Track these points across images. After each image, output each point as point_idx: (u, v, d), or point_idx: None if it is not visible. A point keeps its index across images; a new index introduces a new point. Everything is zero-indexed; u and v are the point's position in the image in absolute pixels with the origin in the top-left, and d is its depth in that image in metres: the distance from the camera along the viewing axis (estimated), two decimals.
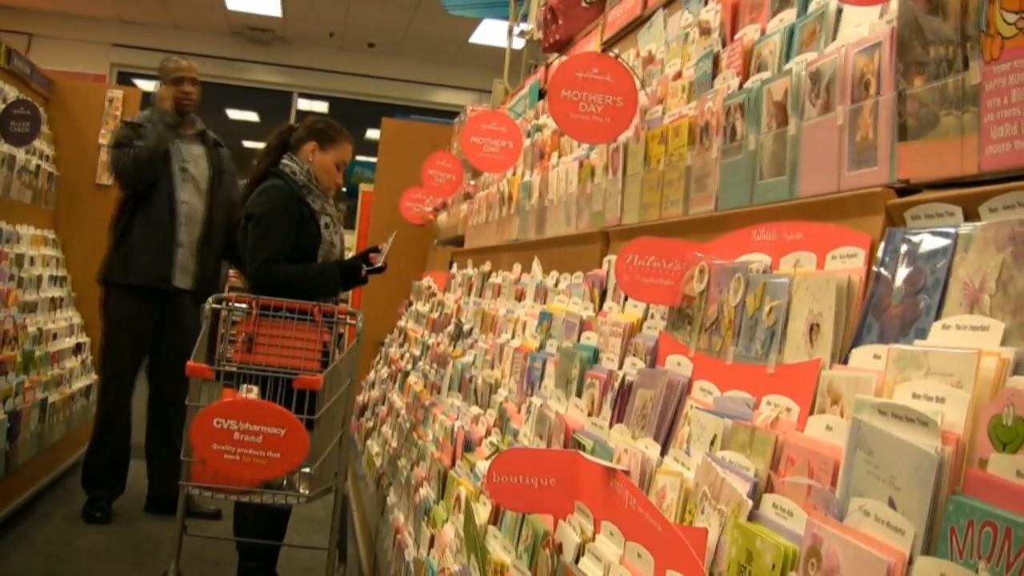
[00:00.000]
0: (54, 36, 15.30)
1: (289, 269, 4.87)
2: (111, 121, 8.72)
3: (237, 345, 4.63)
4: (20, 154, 7.25)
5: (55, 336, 7.27)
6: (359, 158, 18.53)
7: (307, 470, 4.26)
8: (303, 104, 17.33)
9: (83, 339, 7.91)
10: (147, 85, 14.26)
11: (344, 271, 5.09)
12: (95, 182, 8.70)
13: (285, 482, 4.33)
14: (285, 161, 5.10)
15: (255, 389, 4.38)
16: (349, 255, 5.88)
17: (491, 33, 14.00)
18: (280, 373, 4.41)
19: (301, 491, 4.30)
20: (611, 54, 3.40)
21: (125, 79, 15.44)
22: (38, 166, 7.77)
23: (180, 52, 8.35)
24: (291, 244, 4.91)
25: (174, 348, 6.39)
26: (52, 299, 7.46)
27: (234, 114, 21.32)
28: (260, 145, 5.56)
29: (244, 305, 4.65)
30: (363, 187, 12.35)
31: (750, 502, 1.63)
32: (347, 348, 4.58)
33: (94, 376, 7.86)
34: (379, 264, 5.24)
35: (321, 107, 17.72)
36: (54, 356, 7.16)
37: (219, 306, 4.66)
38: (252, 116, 21.13)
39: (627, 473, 2.09)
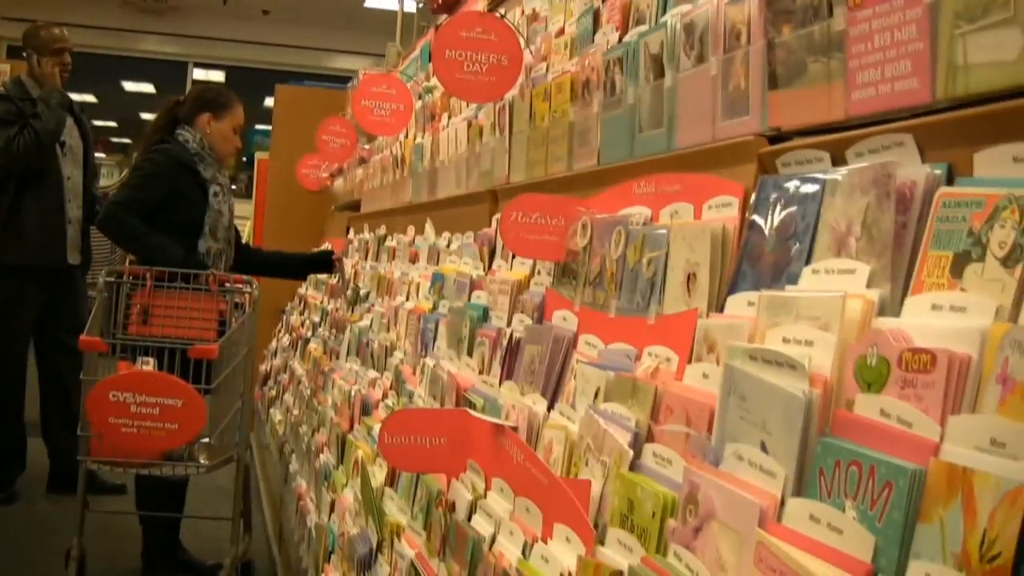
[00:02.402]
0: None
1: (134, 222, 4.70)
2: None
3: (133, 317, 4.57)
4: None
5: None
6: (257, 127, 18.36)
7: (206, 440, 4.23)
8: (199, 74, 17.10)
9: None
10: None
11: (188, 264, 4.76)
12: None
13: (186, 454, 4.30)
14: (179, 131, 5.00)
15: (151, 361, 4.31)
16: (245, 224, 5.81)
17: None
18: (176, 344, 4.36)
19: (201, 461, 4.28)
20: (497, 14, 3.39)
21: (15, 53, 15.08)
22: None
23: (71, 24, 8.16)
24: (154, 204, 4.74)
25: (70, 324, 6.26)
26: None
27: (129, 86, 20.99)
28: None
29: (138, 279, 4.58)
30: (259, 155, 12.20)
31: (631, 452, 1.64)
32: (243, 316, 4.55)
33: None
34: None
35: (218, 76, 17.50)
36: None
37: (113, 279, 4.58)
38: (148, 87, 20.79)
39: (515, 429, 2.09)
